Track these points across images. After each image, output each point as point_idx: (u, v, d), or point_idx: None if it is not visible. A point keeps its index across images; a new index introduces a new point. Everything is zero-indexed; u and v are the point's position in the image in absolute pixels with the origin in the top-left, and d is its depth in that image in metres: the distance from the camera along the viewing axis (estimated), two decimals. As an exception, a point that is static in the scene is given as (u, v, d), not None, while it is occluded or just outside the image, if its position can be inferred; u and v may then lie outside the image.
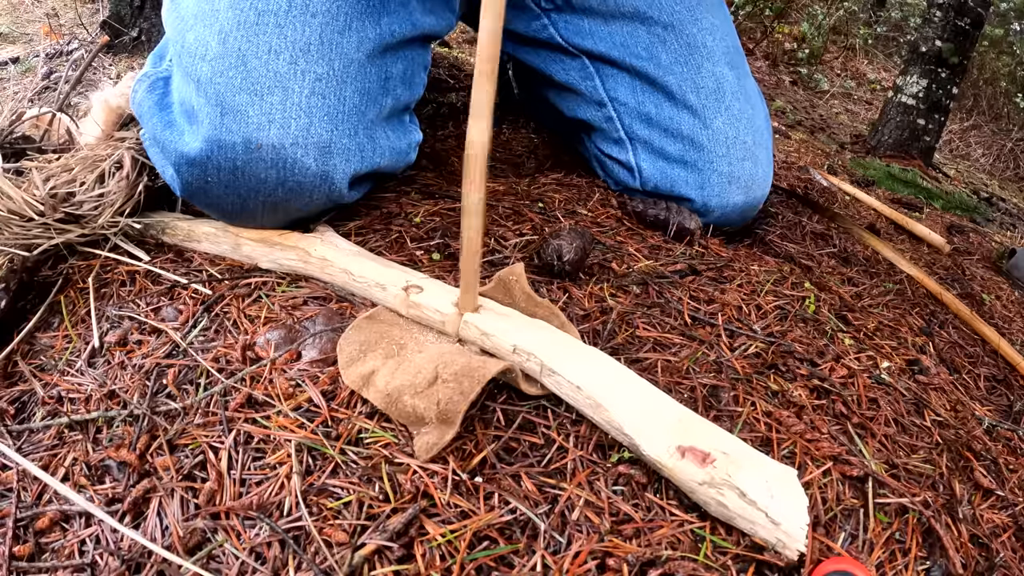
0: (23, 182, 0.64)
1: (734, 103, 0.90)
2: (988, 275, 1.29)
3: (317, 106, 0.63)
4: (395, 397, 0.51)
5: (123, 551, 0.44)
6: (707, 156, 0.90)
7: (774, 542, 0.45)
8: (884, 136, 2.49)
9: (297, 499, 0.46)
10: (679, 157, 0.91)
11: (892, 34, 4.54)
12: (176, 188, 0.68)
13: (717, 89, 0.89)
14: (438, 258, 0.71)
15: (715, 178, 0.90)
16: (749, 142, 0.91)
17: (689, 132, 0.90)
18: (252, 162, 0.62)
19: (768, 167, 0.95)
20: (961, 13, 2.30)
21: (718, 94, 0.89)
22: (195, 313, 0.61)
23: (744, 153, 0.90)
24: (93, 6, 1.81)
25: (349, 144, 0.66)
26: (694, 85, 0.89)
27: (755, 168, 0.92)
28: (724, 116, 0.89)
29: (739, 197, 0.92)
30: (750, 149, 0.91)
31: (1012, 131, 3.70)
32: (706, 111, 0.89)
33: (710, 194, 0.91)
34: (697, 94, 0.89)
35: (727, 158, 0.90)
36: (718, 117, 0.89)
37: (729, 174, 0.90)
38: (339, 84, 0.65)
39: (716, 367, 0.62)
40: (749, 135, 0.91)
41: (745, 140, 0.90)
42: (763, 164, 0.93)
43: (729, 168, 0.90)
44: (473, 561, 0.43)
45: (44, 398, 0.56)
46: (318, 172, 0.64)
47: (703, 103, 0.89)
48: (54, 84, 1.23)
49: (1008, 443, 0.69)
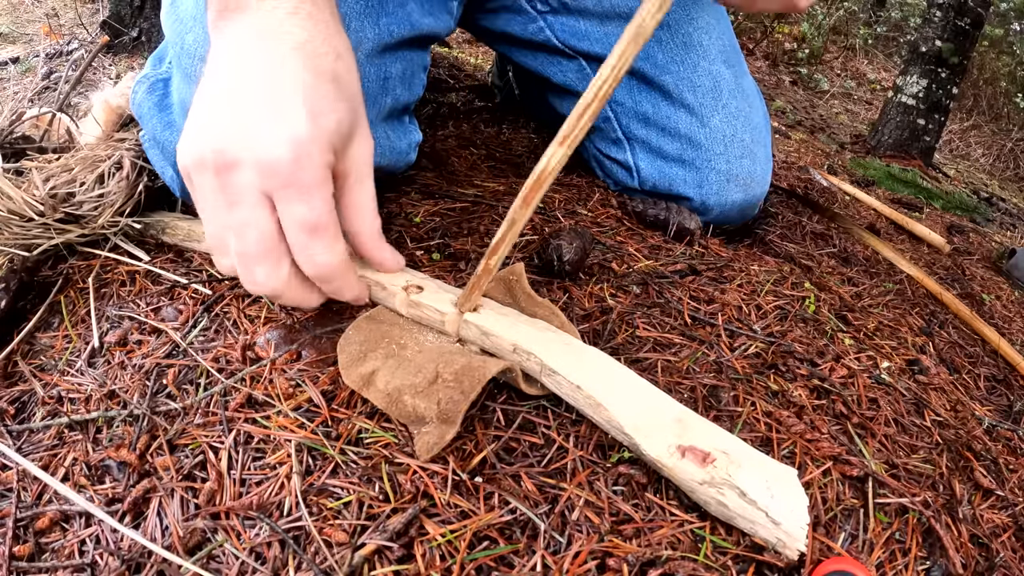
0: (23, 182, 0.64)
1: (731, 101, 0.90)
2: (988, 275, 1.29)
3: None
4: (395, 397, 0.51)
5: (123, 551, 0.44)
6: (705, 154, 0.90)
7: (774, 542, 0.45)
8: (884, 136, 2.49)
9: (297, 499, 0.46)
10: (677, 156, 0.91)
11: (892, 34, 4.54)
12: (175, 189, 0.68)
13: (714, 87, 0.89)
14: (438, 258, 0.71)
15: (713, 176, 0.90)
16: (747, 140, 0.91)
17: (687, 131, 0.90)
18: None
19: (767, 164, 0.95)
20: (961, 13, 2.30)
21: (715, 92, 0.89)
22: (195, 313, 0.61)
23: (742, 151, 0.90)
24: (93, 6, 1.81)
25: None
26: (691, 84, 0.89)
27: (753, 165, 0.92)
28: (721, 114, 0.89)
29: (738, 195, 0.92)
30: (748, 147, 0.91)
31: (1012, 131, 3.70)
32: (703, 109, 0.89)
33: (708, 192, 0.91)
34: (694, 92, 0.89)
35: (725, 156, 0.90)
36: (715, 115, 0.89)
37: (727, 172, 0.90)
38: None
39: (716, 367, 0.62)
40: (747, 133, 0.91)
41: (743, 138, 0.90)
42: (761, 161, 0.93)
43: (727, 166, 0.90)
44: (473, 561, 0.43)
45: (44, 398, 0.56)
46: None
47: (700, 101, 0.89)
48: (54, 84, 1.23)
49: (1008, 443, 0.69)
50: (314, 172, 0.41)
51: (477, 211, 0.83)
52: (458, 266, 0.70)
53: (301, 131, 0.40)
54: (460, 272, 0.69)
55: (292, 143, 0.40)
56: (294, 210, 0.41)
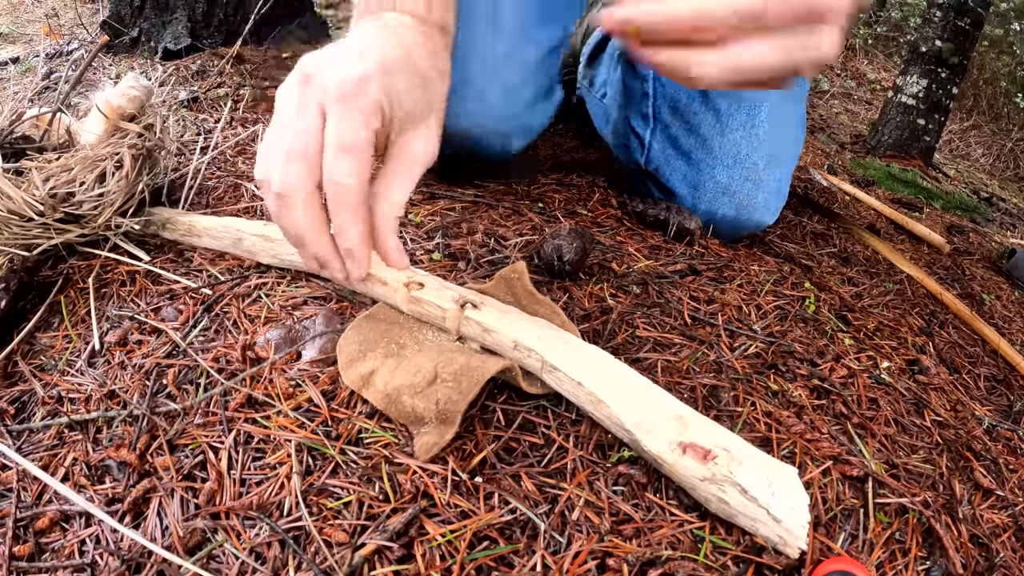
0: (23, 182, 0.64)
1: (764, 122, 0.89)
2: (988, 275, 1.29)
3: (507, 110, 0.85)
4: (395, 397, 0.51)
5: (123, 551, 0.44)
6: (711, 160, 0.90)
7: (775, 540, 0.45)
8: (884, 136, 2.49)
9: (297, 499, 0.46)
10: (687, 151, 0.92)
11: (892, 34, 4.54)
12: None
13: (752, 105, 0.89)
14: (438, 258, 0.71)
15: (710, 184, 0.91)
16: (760, 165, 0.90)
17: (706, 133, 0.91)
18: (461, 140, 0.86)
19: (774, 196, 0.93)
20: (961, 13, 2.30)
21: (751, 109, 0.89)
22: (195, 313, 0.61)
23: (749, 173, 0.90)
24: (93, 6, 1.81)
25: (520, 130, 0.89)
26: (731, 92, 0.89)
27: (755, 190, 0.91)
28: (744, 131, 0.89)
29: (729, 211, 0.91)
30: (758, 171, 0.90)
31: (1012, 131, 3.70)
32: (730, 119, 0.89)
33: (701, 197, 0.92)
34: (730, 101, 0.89)
35: (729, 170, 0.90)
36: (739, 130, 0.89)
37: (725, 186, 0.90)
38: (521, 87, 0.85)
39: (716, 367, 0.62)
40: (763, 158, 0.90)
41: (755, 161, 0.90)
42: (768, 190, 0.91)
43: (728, 181, 0.90)
44: (473, 561, 0.43)
45: (44, 398, 0.56)
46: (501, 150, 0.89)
47: (731, 111, 0.89)
48: (54, 84, 1.23)
49: (1008, 443, 0.69)
50: (366, 102, 0.46)
51: (477, 211, 0.83)
52: (458, 266, 0.70)
53: (370, 70, 0.46)
54: (460, 272, 0.69)
55: (359, 74, 0.46)
56: (337, 126, 0.46)
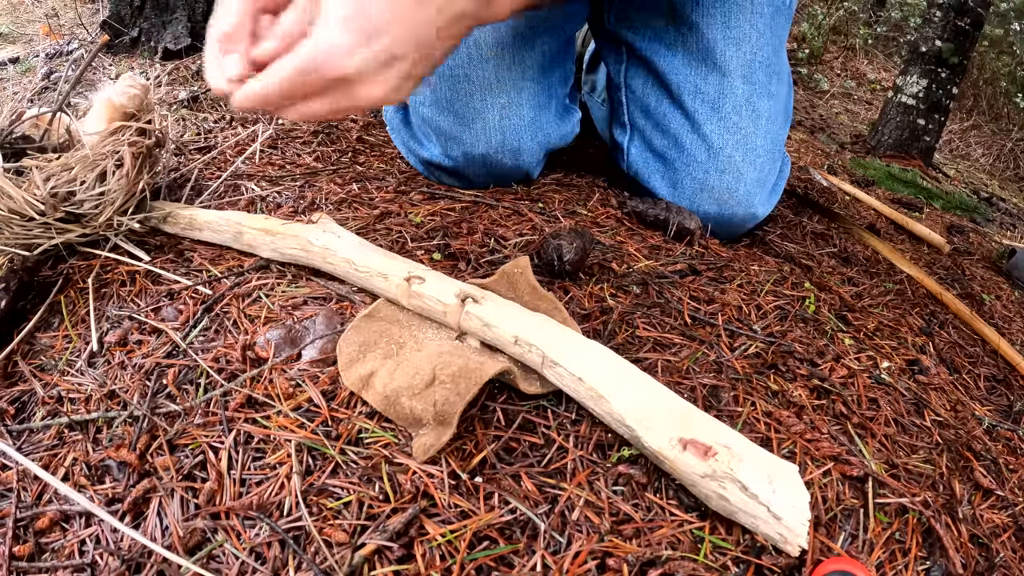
0: (23, 182, 0.64)
1: (732, 115, 0.89)
2: (988, 275, 1.29)
3: (506, 125, 0.88)
4: (393, 399, 0.51)
5: (123, 551, 0.44)
6: (685, 158, 0.91)
7: (775, 538, 0.45)
8: (884, 136, 2.49)
9: (297, 499, 0.46)
10: (661, 152, 0.94)
11: (892, 34, 4.54)
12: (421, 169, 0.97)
13: (717, 98, 0.89)
14: (439, 258, 0.71)
15: (688, 181, 0.91)
16: (736, 158, 0.89)
17: (676, 131, 0.91)
18: (470, 163, 0.91)
19: (757, 188, 0.91)
20: (961, 13, 2.30)
21: (716, 103, 0.89)
22: (195, 313, 0.61)
23: (726, 166, 0.89)
24: (93, 6, 1.81)
25: (531, 145, 0.91)
26: (694, 89, 0.89)
27: (736, 183, 0.90)
28: (715, 125, 0.89)
29: (711, 207, 0.91)
30: (735, 164, 0.89)
31: (1012, 131, 3.70)
32: (697, 116, 0.89)
33: (681, 195, 0.92)
34: (694, 98, 0.89)
35: (704, 166, 0.90)
36: (708, 124, 0.89)
37: (703, 181, 0.90)
38: (517, 106, 0.88)
39: (716, 367, 0.62)
40: (739, 151, 0.89)
41: (732, 154, 0.89)
42: (749, 182, 0.90)
43: (704, 176, 0.90)
44: (473, 561, 0.43)
45: (44, 398, 0.56)
46: (513, 166, 0.92)
47: (696, 108, 0.89)
48: (54, 84, 1.23)
49: (1008, 443, 0.69)
50: None
51: (477, 211, 0.83)
52: (458, 266, 0.71)
53: None
54: (460, 272, 0.69)
55: None
56: None
